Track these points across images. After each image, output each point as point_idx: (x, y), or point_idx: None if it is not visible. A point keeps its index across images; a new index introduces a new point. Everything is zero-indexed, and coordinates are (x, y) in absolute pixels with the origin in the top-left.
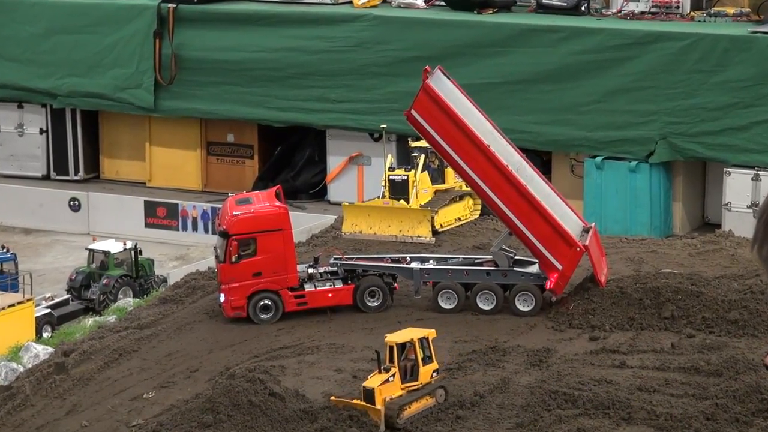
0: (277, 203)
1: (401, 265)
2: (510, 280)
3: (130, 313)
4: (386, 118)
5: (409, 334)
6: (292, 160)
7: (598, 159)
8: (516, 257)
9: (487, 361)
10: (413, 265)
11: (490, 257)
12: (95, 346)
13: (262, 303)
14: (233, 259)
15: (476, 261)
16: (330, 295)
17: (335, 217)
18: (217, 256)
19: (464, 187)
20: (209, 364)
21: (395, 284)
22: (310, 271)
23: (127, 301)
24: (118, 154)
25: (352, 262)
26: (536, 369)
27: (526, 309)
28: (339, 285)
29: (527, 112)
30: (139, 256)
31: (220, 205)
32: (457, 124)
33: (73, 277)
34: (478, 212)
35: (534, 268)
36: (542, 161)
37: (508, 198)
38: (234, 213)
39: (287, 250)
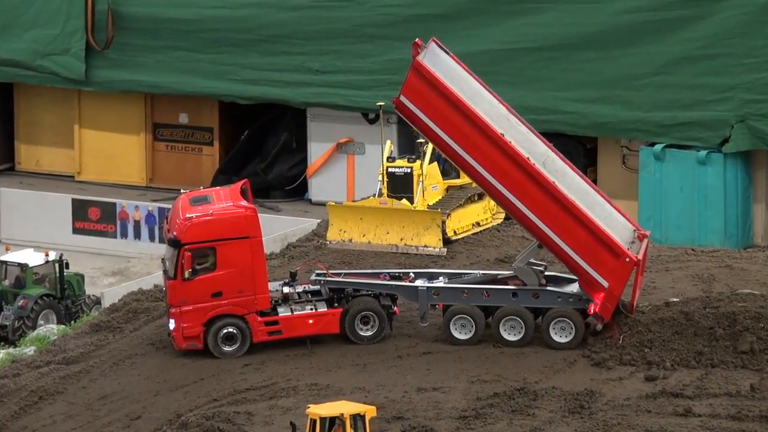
0: (243, 203)
1: (403, 284)
2: (542, 302)
3: (54, 344)
4: (384, 94)
5: (341, 407)
6: (264, 148)
7: (658, 147)
8: (548, 273)
9: (513, 408)
10: (418, 283)
11: (515, 274)
12: (8, 387)
13: (225, 331)
14: (186, 275)
15: (499, 278)
16: (311, 321)
17: (318, 221)
18: (165, 271)
19: None
20: (155, 410)
21: (395, 308)
22: (286, 290)
23: (49, 329)
24: (39, 139)
25: (340, 279)
26: (576, 418)
27: (563, 340)
28: (322, 308)
29: (566, 86)
30: (65, 270)
31: (169, 206)
32: (461, 110)
33: None
34: (503, 215)
35: (573, 288)
36: (585, 150)
37: (532, 201)
38: (188, 216)
39: (256, 263)
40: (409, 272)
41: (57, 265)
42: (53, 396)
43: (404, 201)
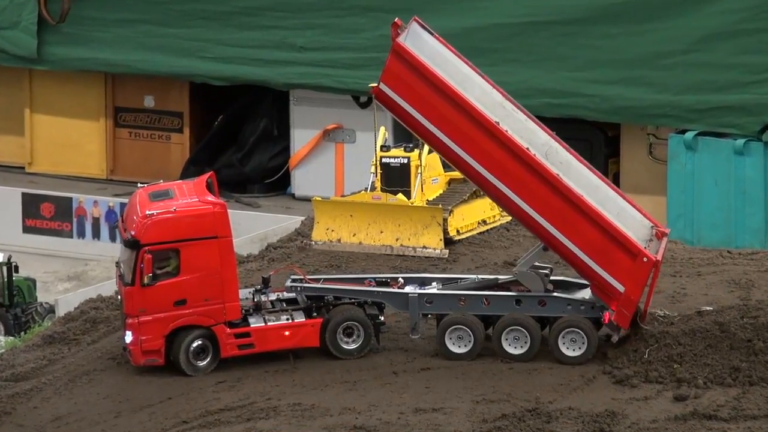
0: (210, 198)
1: (391, 290)
2: (550, 311)
3: (1, 358)
4: (377, 75)
5: None
6: (240, 136)
7: (689, 135)
8: (554, 277)
9: (524, 431)
10: (408, 289)
11: (517, 279)
12: None
13: (196, 344)
14: (146, 281)
15: (499, 283)
16: (287, 333)
17: (302, 218)
18: (121, 276)
19: None
20: None
21: (381, 317)
22: (258, 298)
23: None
24: None
25: (319, 286)
26: None
27: (574, 353)
28: (300, 319)
29: (584, 66)
30: (13, 274)
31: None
32: (450, 98)
33: None
34: None
35: (585, 294)
36: (606, 139)
37: (535, 197)
38: (147, 212)
39: (225, 266)
40: (397, 277)
41: (4, 268)
42: (3, 416)
43: (400, 196)
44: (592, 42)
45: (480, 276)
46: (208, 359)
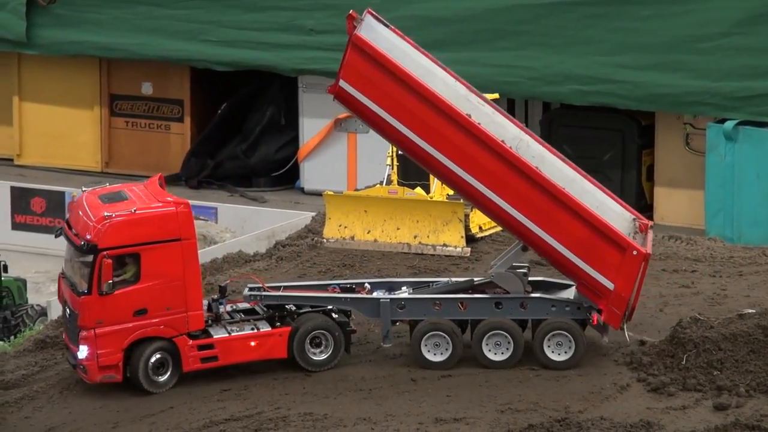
0: (171, 197)
1: (360, 296)
2: (533, 313)
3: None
4: None
5: None
6: (245, 126)
7: (729, 125)
8: (532, 278)
9: None
10: (377, 294)
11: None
12: None
13: (156, 358)
14: (105, 288)
15: (474, 285)
16: (253, 343)
17: (312, 214)
18: (72, 286)
19: None
20: None
21: (346, 321)
22: (216, 308)
23: None
24: None
25: (279, 294)
26: None
27: (560, 358)
28: (266, 328)
29: (615, 50)
30: (2, 274)
31: None
32: (416, 92)
33: None
34: None
35: (567, 294)
36: (640, 128)
37: (513, 193)
38: (105, 214)
39: (188, 272)
40: (363, 283)
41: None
42: None
43: (418, 190)
44: (624, 24)
45: (453, 279)
46: (168, 374)
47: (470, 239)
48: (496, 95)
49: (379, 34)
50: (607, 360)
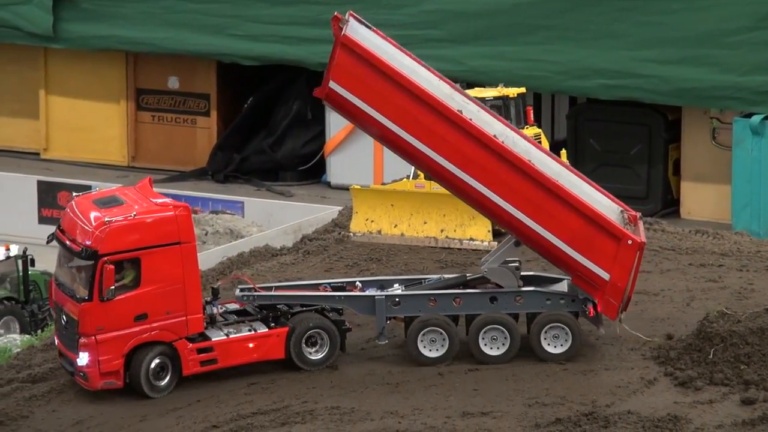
0: (167, 200)
1: (354, 294)
2: (528, 306)
3: (17, 358)
4: (420, 53)
5: None
6: (272, 120)
7: (756, 119)
8: (523, 273)
9: None
10: (370, 291)
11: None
12: None
13: (156, 362)
14: (107, 295)
15: (469, 280)
16: (251, 345)
17: (339, 208)
18: (71, 293)
19: None
20: None
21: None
22: (210, 310)
23: (11, 339)
24: None
25: (271, 294)
26: None
27: (557, 350)
28: (263, 329)
29: (642, 44)
30: (29, 268)
31: (157, 189)
32: (408, 90)
33: None
34: None
35: (560, 287)
36: (666, 123)
37: (506, 188)
38: (106, 219)
39: (188, 275)
40: (355, 281)
41: (20, 261)
42: (16, 421)
43: None
44: (651, 18)
45: (445, 275)
46: (168, 378)
47: (496, 233)
48: (522, 89)
49: (363, 36)
50: (634, 354)
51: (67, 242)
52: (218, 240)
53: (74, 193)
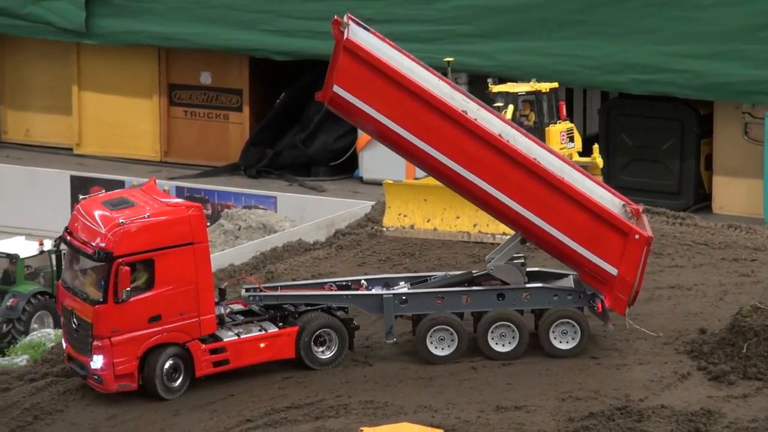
0: (179, 200)
1: (362, 293)
2: (536, 303)
3: (51, 352)
4: (452, 48)
5: (402, 430)
6: (304, 115)
7: None
8: (528, 268)
9: (613, 430)
10: (376, 290)
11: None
12: None
13: (170, 363)
14: (123, 296)
15: (475, 278)
16: (262, 345)
17: (372, 203)
18: (84, 296)
19: (576, 157)
20: None
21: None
22: (219, 311)
23: (45, 334)
24: (29, 104)
25: (277, 294)
26: None
27: (566, 346)
28: (272, 329)
29: (674, 39)
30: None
31: (189, 184)
32: (412, 92)
33: None
34: None
35: (565, 283)
36: (698, 117)
37: (512, 186)
38: (120, 221)
39: (201, 276)
40: (360, 280)
41: (53, 256)
42: (51, 415)
43: None
44: (683, 13)
45: (450, 273)
46: (180, 379)
47: None
48: (555, 84)
49: (363, 39)
50: (667, 349)
51: (79, 245)
52: (251, 235)
53: (81, 196)
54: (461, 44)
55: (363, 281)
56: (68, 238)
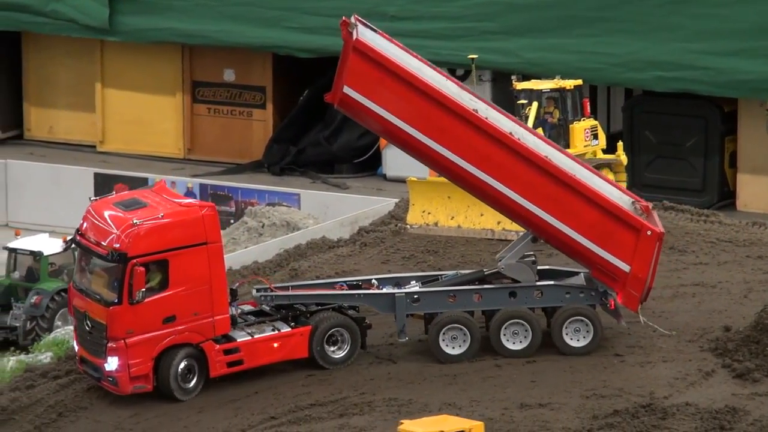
0: (192, 200)
1: (374, 292)
2: (548, 301)
3: (75, 349)
4: (476, 45)
5: (441, 423)
6: (327, 112)
7: None
8: (539, 267)
9: (637, 428)
10: (388, 289)
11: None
12: (20, 401)
13: (184, 364)
14: (139, 297)
15: (486, 276)
16: (275, 345)
17: (395, 200)
18: (97, 297)
19: (600, 154)
20: (199, 431)
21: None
22: (231, 311)
23: (68, 331)
24: (53, 101)
25: (288, 294)
26: None
27: (579, 344)
28: (285, 329)
29: (698, 36)
30: None
31: (213, 182)
32: (423, 92)
33: None
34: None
35: (576, 281)
36: (723, 115)
37: (524, 185)
38: (135, 221)
39: (214, 276)
40: (371, 279)
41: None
42: (75, 412)
43: None
44: (708, 10)
45: (461, 271)
46: (195, 380)
47: None
48: (579, 81)
49: (371, 39)
50: (692, 346)
51: (92, 246)
52: (275, 232)
53: (90, 197)
54: (485, 41)
55: (374, 280)
56: (80, 239)
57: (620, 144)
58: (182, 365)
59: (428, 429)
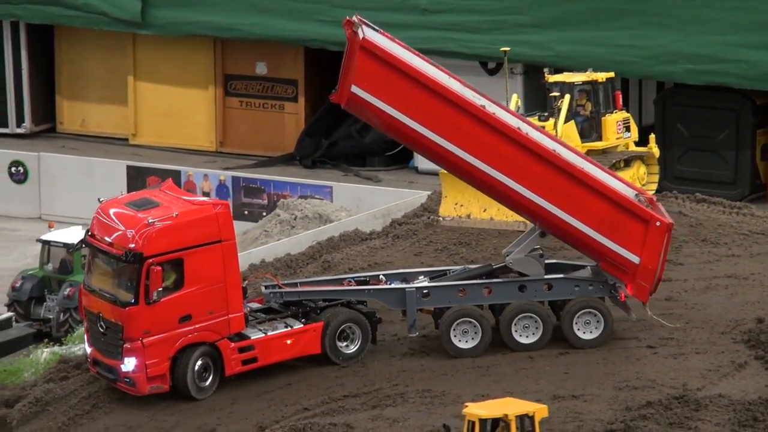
0: (204, 198)
1: (384, 287)
2: (557, 294)
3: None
4: (508, 39)
5: (505, 406)
6: None
7: None
8: (547, 260)
9: (670, 420)
10: (396, 284)
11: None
12: (54, 393)
13: (200, 363)
14: (156, 296)
15: (494, 270)
16: (289, 341)
17: (428, 193)
18: (112, 299)
19: (633, 147)
20: (232, 422)
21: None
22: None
23: None
24: (85, 95)
25: (296, 290)
26: None
27: (589, 336)
28: (298, 325)
29: (729, 29)
30: None
31: (245, 174)
32: (431, 89)
33: (17, 285)
34: (655, 185)
35: (585, 274)
36: (754, 107)
37: (533, 179)
38: (149, 221)
39: (229, 274)
40: (378, 275)
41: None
42: (109, 404)
43: None
44: (739, 3)
45: (468, 266)
46: (210, 379)
47: None
48: (611, 74)
49: (376, 38)
50: (724, 338)
51: (105, 247)
52: (307, 225)
53: (100, 198)
54: (517, 34)
55: (381, 276)
56: (91, 240)
57: (652, 137)
58: (198, 364)
59: (492, 412)
